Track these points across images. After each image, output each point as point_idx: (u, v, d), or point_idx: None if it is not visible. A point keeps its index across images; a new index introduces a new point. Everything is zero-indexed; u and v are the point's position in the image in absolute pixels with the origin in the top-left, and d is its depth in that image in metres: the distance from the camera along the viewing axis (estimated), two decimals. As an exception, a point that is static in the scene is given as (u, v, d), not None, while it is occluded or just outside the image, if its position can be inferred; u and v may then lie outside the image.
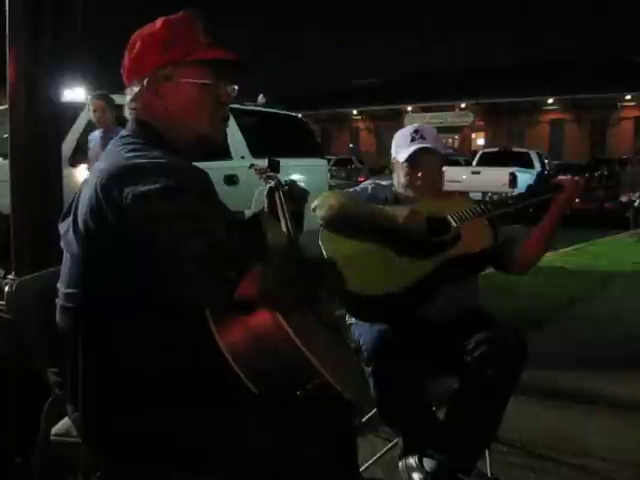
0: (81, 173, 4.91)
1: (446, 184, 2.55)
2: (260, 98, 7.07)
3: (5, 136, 2.33)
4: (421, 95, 34.31)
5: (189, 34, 1.52)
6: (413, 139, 2.41)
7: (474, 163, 17.28)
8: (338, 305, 2.16)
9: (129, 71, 1.54)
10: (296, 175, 6.72)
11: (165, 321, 1.39)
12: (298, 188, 1.84)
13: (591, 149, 31.60)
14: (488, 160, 16.53)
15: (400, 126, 2.97)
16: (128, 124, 1.55)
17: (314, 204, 2.38)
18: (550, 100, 33.49)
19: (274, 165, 1.97)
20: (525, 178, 15.03)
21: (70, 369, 1.45)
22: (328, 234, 2.35)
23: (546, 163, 17.42)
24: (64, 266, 1.50)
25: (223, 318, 1.34)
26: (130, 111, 1.54)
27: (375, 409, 2.30)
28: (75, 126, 5.15)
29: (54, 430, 1.67)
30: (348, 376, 1.57)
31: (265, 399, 1.35)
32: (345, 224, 2.31)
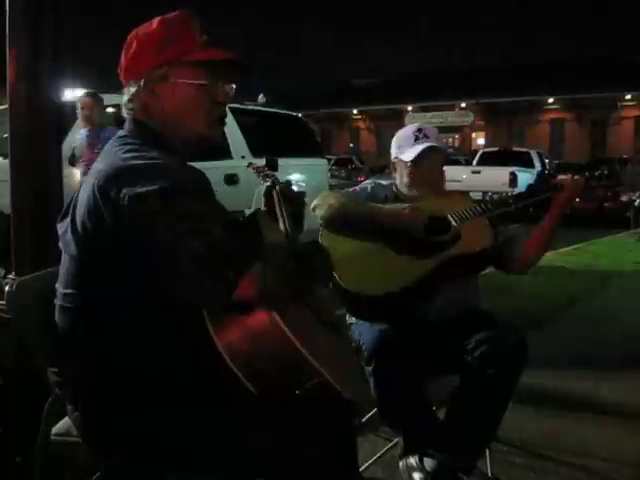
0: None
1: (447, 183, 2.55)
2: (260, 98, 7.06)
3: (5, 136, 2.33)
4: (421, 95, 34.29)
5: (185, 34, 1.51)
6: (417, 138, 2.41)
7: (474, 163, 17.25)
8: (338, 304, 2.16)
9: (126, 71, 1.54)
10: (296, 175, 6.72)
11: (163, 321, 1.39)
12: (291, 189, 1.84)
13: (591, 148, 31.58)
14: (488, 160, 16.51)
15: (400, 126, 2.96)
16: (125, 124, 1.55)
17: (314, 204, 2.38)
18: (550, 99, 33.47)
19: (272, 164, 1.96)
20: (525, 177, 15.02)
21: (70, 369, 1.45)
22: (328, 234, 2.35)
23: (546, 162, 17.38)
24: (62, 266, 1.50)
25: (220, 318, 1.34)
26: (127, 111, 1.54)
27: (375, 409, 2.31)
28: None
29: (54, 430, 1.67)
30: (348, 375, 1.57)
31: (264, 399, 1.35)
32: (345, 223, 2.31)
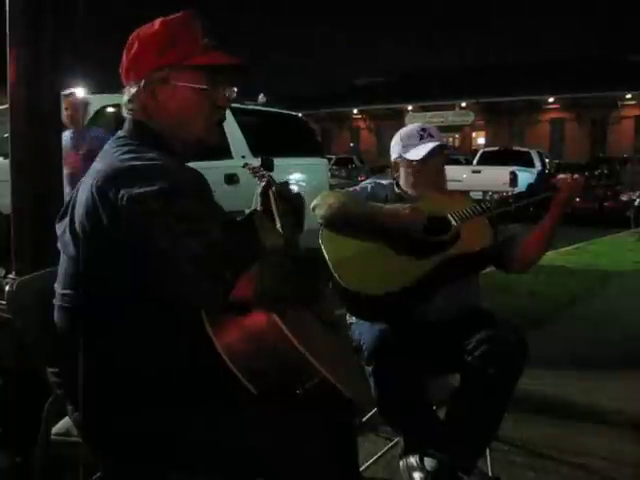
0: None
1: (447, 183, 2.55)
2: (260, 97, 7.06)
3: (5, 135, 2.33)
4: (422, 94, 34.27)
5: (187, 36, 1.51)
6: (422, 137, 2.41)
7: (475, 162, 17.26)
8: (338, 304, 2.16)
9: (127, 71, 1.53)
10: (297, 174, 6.71)
11: (162, 322, 1.39)
12: (288, 189, 1.84)
13: (591, 148, 31.54)
14: (489, 159, 16.50)
15: (401, 125, 2.96)
16: (125, 124, 1.54)
17: (314, 203, 2.38)
18: (551, 99, 33.44)
19: (267, 164, 1.97)
20: (526, 177, 15.02)
21: (69, 369, 1.45)
22: (328, 233, 2.35)
23: (547, 162, 17.39)
24: (61, 266, 1.50)
25: (219, 319, 1.34)
26: (127, 111, 1.54)
27: (375, 408, 2.31)
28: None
29: (54, 430, 1.67)
30: (348, 375, 1.57)
31: (264, 399, 1.35)
32: (345, 223, 2.31)
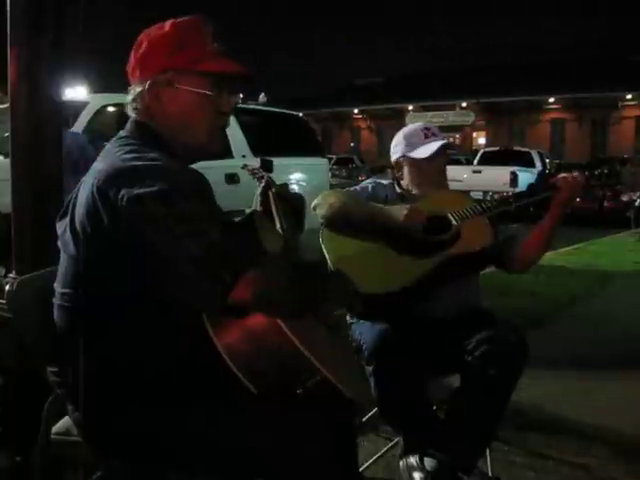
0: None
1: (447, 183, 2.56)
2: (261, 97, 7.06)
3: (6, 135, 2.33)
4: (422, 94, 34.30)
5: (196, 41, 1.50)
6: (426, 136, 2.42)
7: (475, 162, 17.25)
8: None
9: (133, 70, 1.53)
10: (297, 174, 6.70)
11: (162, 322, 1.39)
12: (287, 190, 1.84)
13: (592, 148, 31.56)
14: (489, 159, 16.50)
15: (401, 125, 2.96)
16: (127, 124, 1.54)
17: (314, 203, 2.38)
18: (551, 99, 33.47)
19: (266, 165, 1.97)
20: (526, 177, 15.02)
21: (69, 369, 1.45)
22: (329, 233, 2.35)
23: (547, 162, 17.39)
24: (61, 265, 1.49)
25: (219, 319, 1.34)
26: (131, 111, 1.54)
27: (375, 408, 2.31)
28: (76, 124, 5.14)
29: (54, 429, 1.66)
30: (349, 375, 1.57)
31: (264, 398, 1.35)
32: (346, 223, 2.31)
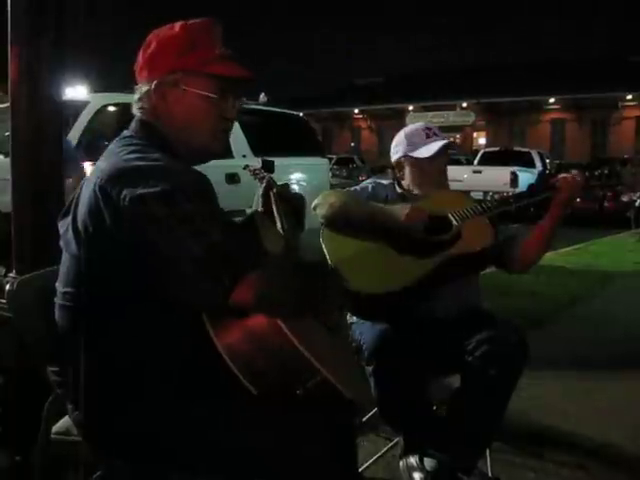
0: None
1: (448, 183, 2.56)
2: (262, 97, 7.06)
3: (7, 134, 2.33)
4: (423, 94, 34.29)
5: (206, 43, 1.50)
6: (428, 136, 2.42)
7: (475, 162, 17.26)
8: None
9: (141, 69, 1.53)
10: (297, 174, 6.70)
11: (164, 322, 1.38)
12: (288, 190, 1.84)
13: (592, 149, 31.58)
14: (489, 159, 16.51)
15: (402, 125, 2.96)
16: (132, 124, 1.54)
17: (315, 203, 2.38)
18: (551, 99, 33.48)
19: (268, 166, 1.97)
20: (526, 177, 15.02)
21: (70, 368, 1.45)
22: (329, 233, 2.35)
23: (547, 162, 17.39)
24: (62, 265, 1.49)
25: (220, 320, 1.34)
26: (137, 110, 1.54)
27: (376, 408, 2.31)
28: (77, 124, 5.14)
29: (55, 429, 1.66)
30: (349, 375, 1.56)
31: (265, 399, 1.35)
32: (346, 223, 2.31)
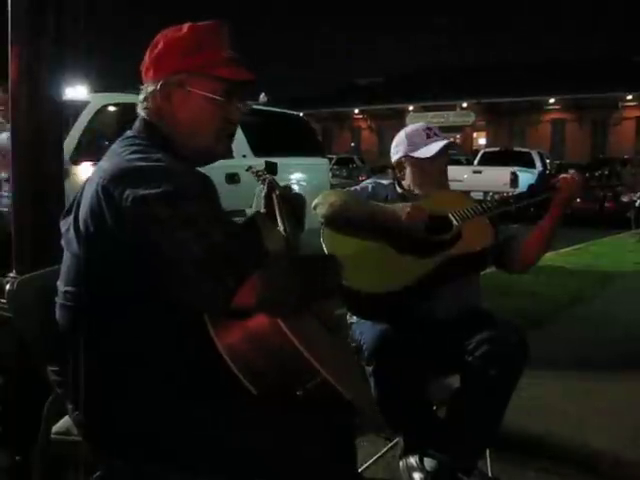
0: (83, 171, 4.91)
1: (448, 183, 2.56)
2: (262, 97, 7.06)
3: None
4: (423, 94, 34.28)
5: (213, 45, 1.51)
6: (429, 136, 2.42)
7: (475, 163, 17.27)
8: (338, 304, 2.15)
9: (147, 70, 1.53)
10: (297, 174, 6.71)
11: (166, 322, 1.39)
12: (291, 192, 1.85)
13: (592, 149, 31.56)
14: (489, 160, 16.52)
15: (402, 125, 2.96)
16: (135, 123, 1.54)
17: (315, 202, 2.38)
18: (551, 100, 33.47)
19: (271, 168, 1.98)
20: (526, 178, 15.02)
21: (70, 368, 1.45)
22: (329, 232, 2.35)
23: (547, 163, 17.40)
24: (64, 264, 1.49)
25: (221, 320, 1.34)
26: (142, 110, 1.54)
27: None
28: (77, 124, 5.15)
29: (55, 429, 1.66)
30: (349, 376, 1.57)
31: (265, 399, 1.35)
32: (346, 222, 2.31)
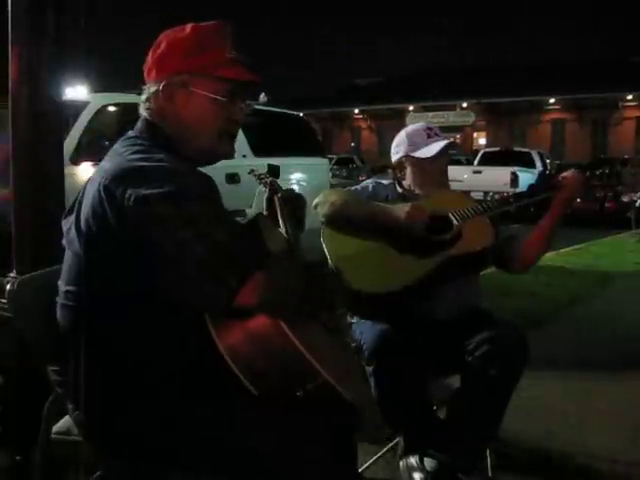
0: (83, 171, 4.91)
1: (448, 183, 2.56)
2: (262, 97, 7.06)
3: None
4: (423, 94, 34.28)
5: (217, 46, 1.50)
6: (429, 136, 2.42)
7: (475, 163, 17.27)
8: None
9: (149, 70, 1.53)
10: (297, 174, 6.71)
11: (168, 322, 1.38)
12: (293, 194, 1.87)
13: (592, 149, 31.54)
14: (490, 160, 16.51)
15: (402, 125, 2.96)
16: (137, 124, 1.54)
17: (315, 201, 2.38)
18: (552, 100, 33.46)
19: (273, 171, 1.98)
20: (527, 178, 15.02)
21: (71, 368, 1.45)
22: (330, 232, 2.35)
23: (547, 163, 17.39)
24: (65, 264, 1.49)
25: (222, 321, 1.34)
26: (144, 110, 1.54)
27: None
28: (77, 124, 5.14)
29: (55, 428, 1.66)
30: (349, 376, 1.56)
31: (265, 400, 1.35)
32: (347, 221, 2.31)
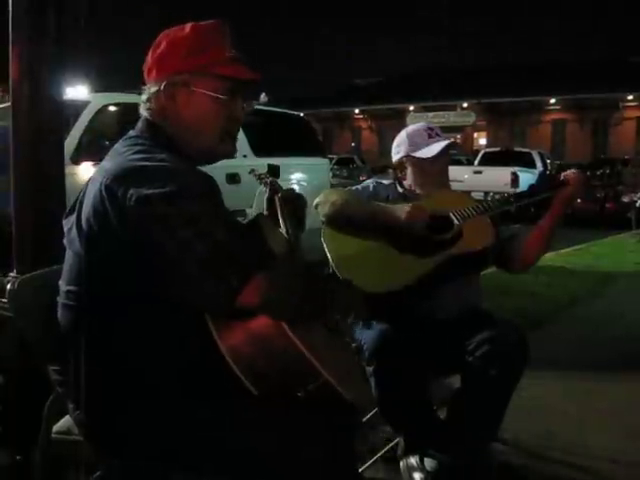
0: (84, 171, 4.92)
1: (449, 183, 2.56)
2: (262, 97, 7.06)
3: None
4: (423, 94, 34.27)
5: (216, 44, 1.51)
6: (430, 136, 2.42)
7: (476, 163, 17.26)
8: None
9: (149, 70, 1.53)
10: (298, 174, 6.71)
11: (169, 322, 1.39)
12: (293, 194, 1.87)
13: (593, 149, 31.52)
14: (490, 160, 16.50)
15: (402, 125, 2.96)
16: (138, 124, 1.54)
17: (316, 201, 2.38)
18: (552, 100, 33.44)
19: (274, 171, 1.98)
20: (527, 178, 15.00)
21: (71, 367, 1.45)
22: (330, 232, 2.35)
23: (548, 163, 17.39)
24: (66, 263, 1.49)
25: (223, 321, 1.34)
26: (145, 111, 1.54)
27: (376, 408, 2.30)
28: (78, 124, 5.14)
29: (55, 428, 1.66)
30: (349, 376, 1.57)
31: (266, 400, 1.35)
32: (347, 221, 2.31)
